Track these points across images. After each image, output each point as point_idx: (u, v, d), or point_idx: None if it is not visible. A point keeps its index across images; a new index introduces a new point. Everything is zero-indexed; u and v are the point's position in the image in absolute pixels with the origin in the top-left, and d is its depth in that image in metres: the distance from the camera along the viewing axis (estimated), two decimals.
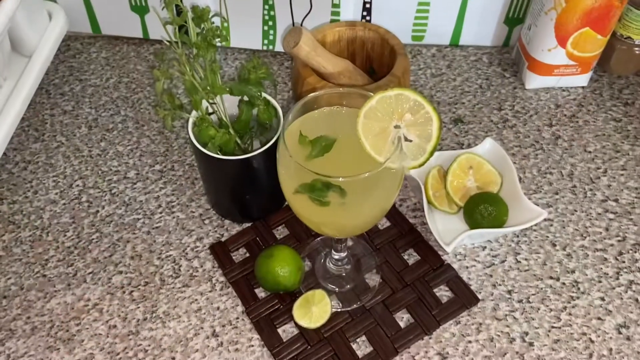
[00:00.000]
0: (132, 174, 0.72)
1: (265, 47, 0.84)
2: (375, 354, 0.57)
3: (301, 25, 0.80)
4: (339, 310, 0.60)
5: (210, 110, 0.62)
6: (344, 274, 0.62)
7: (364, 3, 0.78)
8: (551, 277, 0.62)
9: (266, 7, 0.79)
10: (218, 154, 0.59)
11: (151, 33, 0.85)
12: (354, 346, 0.58)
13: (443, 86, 0.80)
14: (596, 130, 0.75)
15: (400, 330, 0.58)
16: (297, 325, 0.59)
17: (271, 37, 0.83)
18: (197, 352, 0.58)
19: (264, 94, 0.62)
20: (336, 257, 0.61)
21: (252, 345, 0.58)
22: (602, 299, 0.61)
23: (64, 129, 0.76)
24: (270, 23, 0.81)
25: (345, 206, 0.44)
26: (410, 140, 0.44)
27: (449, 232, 0.63)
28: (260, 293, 0.61)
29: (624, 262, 0.63)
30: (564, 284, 0.62)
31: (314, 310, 0.58)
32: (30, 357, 0.58)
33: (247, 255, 0.64)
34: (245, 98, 0.62)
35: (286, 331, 0.59)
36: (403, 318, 0.60)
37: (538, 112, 0.77)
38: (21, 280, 0.63)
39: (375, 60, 0.69)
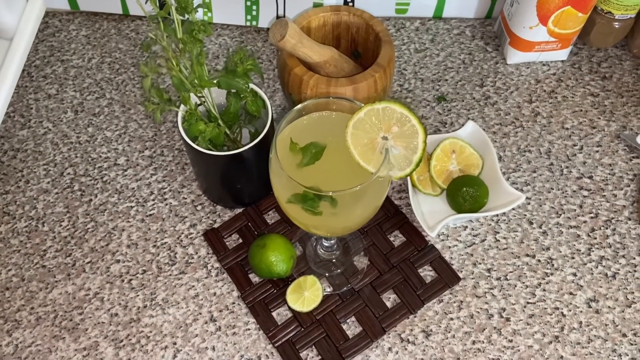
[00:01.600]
0: (122, 160, 0.73)
1: (248, 23, 0.83)
2: (365, 334, 0.61)
3: (284, 3, 0.79)
4: (330, 293, 0.63)
5: (199, 102, 0.63)
6: (334, 260, 0.65)
7: None
8: (527, 255, 0.66)
9: None
10: (210, 148, 0.61)
11: (131, 9, 0.83)
12: (345, 327, 0.62)
13: (427, 62, 0.81)
14: (574, 106, 0.77)
15: (387, 311, 0.62)
16: (290, 308, 0.62)
17: (254, 13, 0.82)
18: (197, 337, 0.62)
19: (251, 86, 0.63)
20: (326, 244, 0.64)
21: (249, 329, 0.62)
22: (574, 274, 0.65)
23: (50, 115, 0.76)
24: None
25: (337, 214, 0.46)
26: (397, 152, 0.46)
27: (432, 214, 0.67)
28: (254, 278, 0.65)
29: (595, 238, 0.67)
30: (539, 261, 0.66)
31: (306, 294, 0.62)
32: (37, 346, 0.61)
33: (240, 241, 0.67)
34: (233, 90, 0.63)
35: (280, 314, 0.63)
36: (390, 298, 0.64)
37: (519, 88, 0.79)
38: (22, 272, 0.65)
39: (361, 44, 0.70)
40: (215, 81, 0.61)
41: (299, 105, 0.48)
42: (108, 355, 0.61)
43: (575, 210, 0.69)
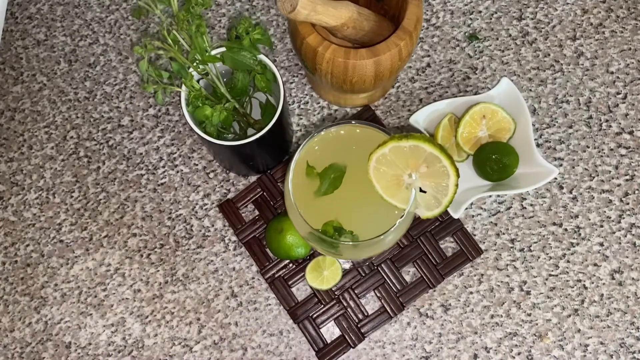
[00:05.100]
0: (126, 120, 0.68)
1: None
2: (384, 310, 0.62)
3: None
4: (349, 268, 0.63)
5: (201, 76, 0.57)
6: None
7: None
8: (554, 224, 0.64)
9: None
10: (219, 130, 0.56)
11: None
12: (364, 301, 0.63)
13: None
14: (622, 44, 0.68)
15: (406, 286, 0.62)
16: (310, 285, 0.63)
17: None
18: (220, 313, 0.63)
19: (260, 57, 0.56)
20: None
21: (270, 304, 0.63)
22: (601, 244, 0.63)
23: (42, 66, 0.70)
24: None
25: (358, 252, 0.44)
26: (425, 192, 0.41)
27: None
28: None
29: (628, 203, 0.64)
30: (566, 230, 0.64)
31: (325, 274, 0.61)
32: (66, 323, 0.63)
33: (257, 213, 0.65)
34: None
35: (300, 289, 0.63)
36: (409, 272, 0.63)
37: (562, 21, 0.69)
38: (40, 247, 0.65)
39: None
40: (219, 56, 0.55)
41: (318, 134, 0.43)
42: (136, 331, 0.63)
43: (610, 171, 0.65)
